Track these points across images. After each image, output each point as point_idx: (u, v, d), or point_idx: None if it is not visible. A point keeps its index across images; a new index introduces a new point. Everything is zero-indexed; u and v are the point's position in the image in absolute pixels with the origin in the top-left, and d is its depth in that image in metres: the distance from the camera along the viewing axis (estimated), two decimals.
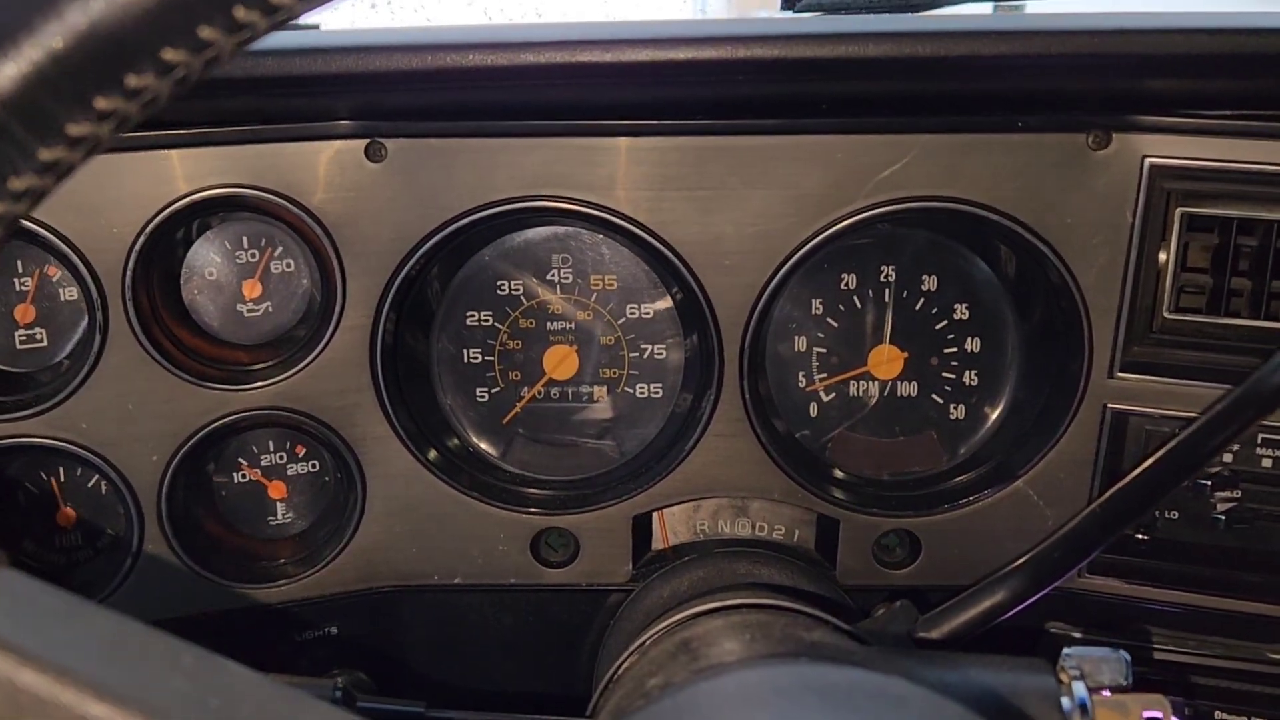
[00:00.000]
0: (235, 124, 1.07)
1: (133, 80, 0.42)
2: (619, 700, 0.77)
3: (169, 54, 0.42)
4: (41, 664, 0.40)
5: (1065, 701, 0.73)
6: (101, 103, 0.43)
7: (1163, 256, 1.09)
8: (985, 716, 0.61)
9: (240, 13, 0.43)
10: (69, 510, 1.22)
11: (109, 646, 0.45)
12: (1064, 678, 0.74)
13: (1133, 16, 1.00)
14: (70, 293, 1.16)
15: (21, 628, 0.42)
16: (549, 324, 1.23)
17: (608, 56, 0.96)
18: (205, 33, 0.43)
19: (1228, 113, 1.05)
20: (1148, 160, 1.06)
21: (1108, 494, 0.90)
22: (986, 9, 1.56)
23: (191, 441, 1.15)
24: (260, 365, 1.17)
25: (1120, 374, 1.12)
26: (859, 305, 1.21)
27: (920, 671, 0.70)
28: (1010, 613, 0.95)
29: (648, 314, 1.22)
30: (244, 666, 0.47)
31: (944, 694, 0.60)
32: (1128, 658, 0.76)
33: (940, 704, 0.55)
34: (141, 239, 1.08)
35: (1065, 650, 0.77)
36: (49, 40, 0.41)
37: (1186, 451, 0.84)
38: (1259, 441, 1.13)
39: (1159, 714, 0.73)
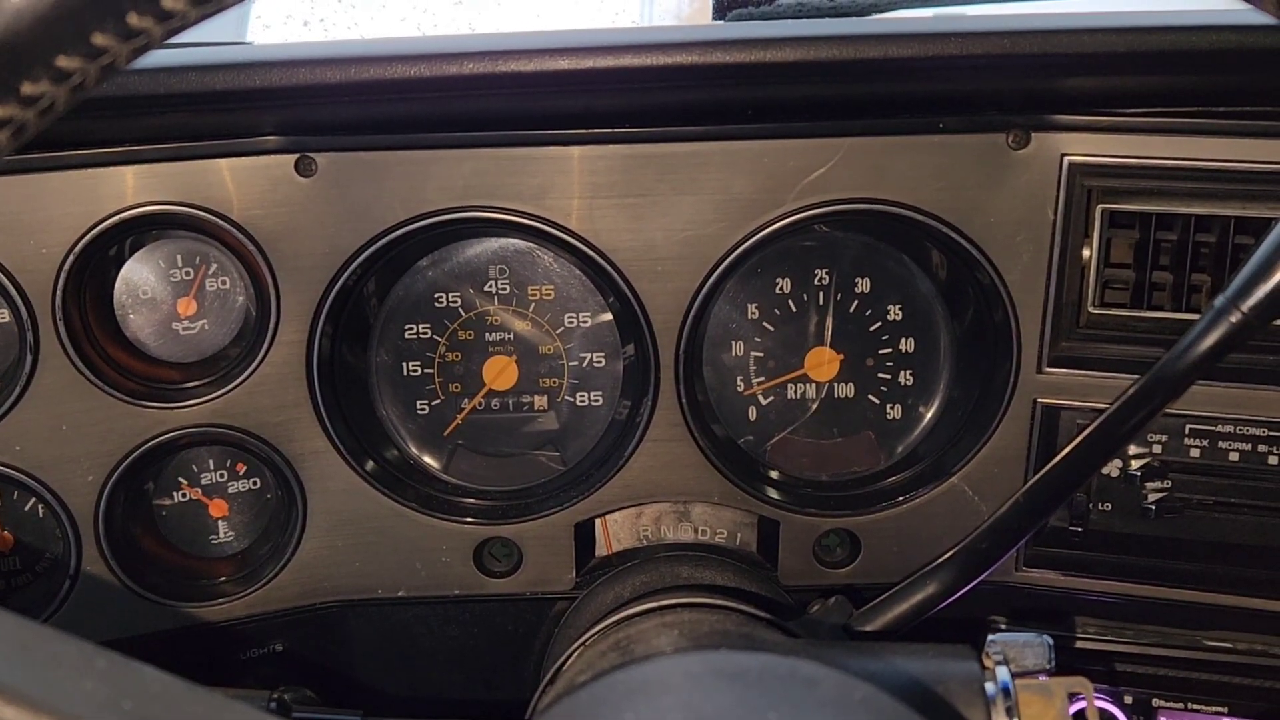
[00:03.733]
0: (164, 141, 1.07)
1: (62, 62, 0.43)
2: (550, 699, 0.78)
3: (99, 39, 0.43)
4: None
5: (989, 686, 0.74)
6: (28, 87, 0.43)
7: (1086, 253, 1.11)
8: (909, 703, 0.62)
9: (134, 19, 0.43)
10: (6, 534, 1.21)
11: (20, 650, 0.45)
12: (988, 663, 0.75)
13: (1048, 17, 1.02)
14: (1, 315, 1.15)
15: None
16: (488, 335, 1.23)
17: (530, 66, 0.98)
18: (99, 40, 0.43)
19: (1144, 110, 1.07)
20: (1067, 158, 1.09)
21: (1030, 483, 0.91)
22: (922, 14, 1.57)
23: (128, 461, 1.14)
24: (196, 383, 1.17)
25: (1049, 369, 1.14)
26: (794, 309, 1.22)
27: (845, 660, 0.70)
28: (943, 604, 0.96)
29: (585, 323, 1.23)
30: (163, 672, 0.47)
31: (866, 680, 0.61)
32: (1050, 642, 0.77)
33: (850, 684, 0.56)
34: (71, 258, 1.08)
35: (990, 636, 0.78)
36: None
37: (1102, 438, 0.86)
38: (1187, 432, 1.16)
39: (1081, 694, 0.74)
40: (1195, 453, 1.15)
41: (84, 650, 0.46)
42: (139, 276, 1.16)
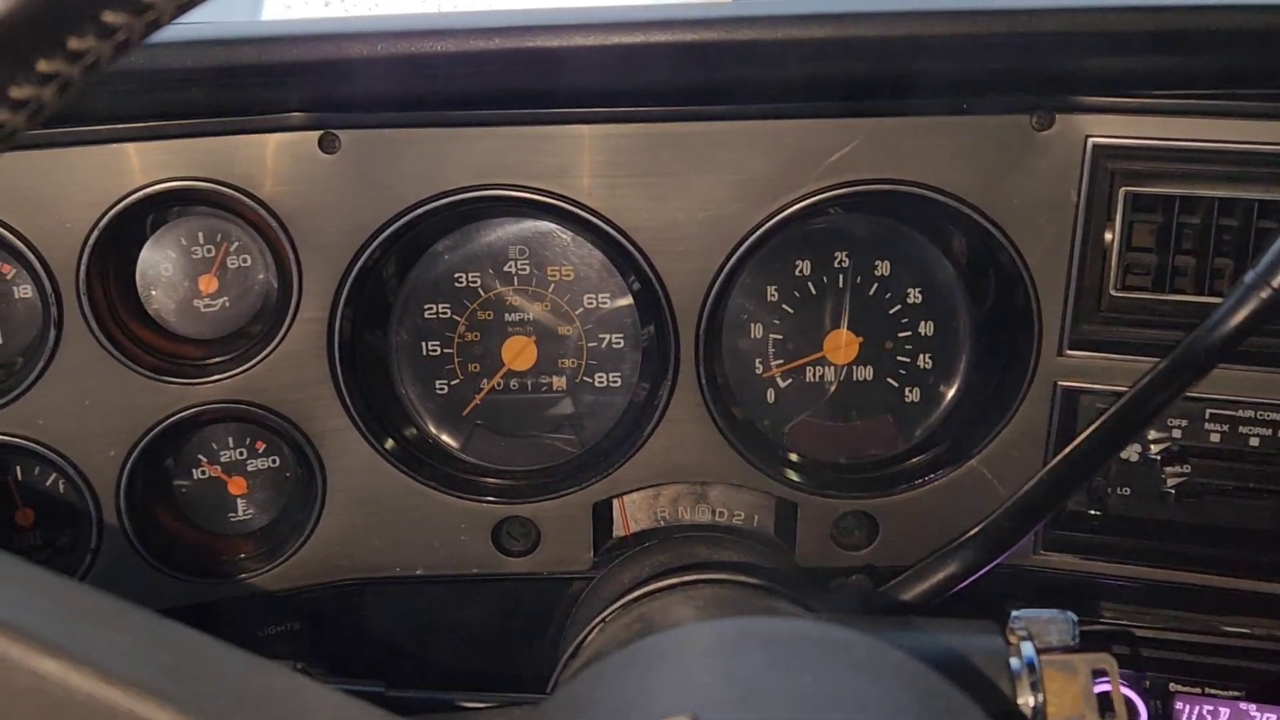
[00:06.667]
0: (188, 117, 1.07)
1: (74, 43, 0.43)
2: (577, 670, 0.78)
3: (109, 16, 0.43)
4: None
5: (1014, 661, 0.74)
6: (44, 65, 0.43)
7: (1108, 235, 1.11)
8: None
9: None
10: (27, 510, 1.21)
11: (57, 605, 0.45)
12: (1012, 638, 0.76)
13: None
14: (25, 290, 1.15)
15: None
16: (507, 315, 1.23)
17: (554, 42, 0.98)
18: (110, 18, 0.43)
19: (1168, 92, 1.07)
20: (1091, 140, 1.08)
21: (1052, 464, 0.91)
22: None
23: (149, 436, 1.14)
24: (217, 359, 1.17)
25: (1070, 352, 1.14)
26: (814, 291, 1.22)
27: (871, 631, 0.71)
28: (964, 583, 0.96)
29: (604, 304, 1.23)
30: (199, 631, 0.47)
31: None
32: (1074, 618, 0.77)
33: (883, 649, 0.56)
34: (95, 233, 1.08)
35: (1013, 612, 0.78)
36: None
37: (1126, 418, 0.86)
38: (1207, 417, 1.15)
39: (1106, 671, 0.74)
40: (1215, 437, 1.15)
41: (119, 607, 0.47)
42: (161, 253, 1.17)
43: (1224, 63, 1.03)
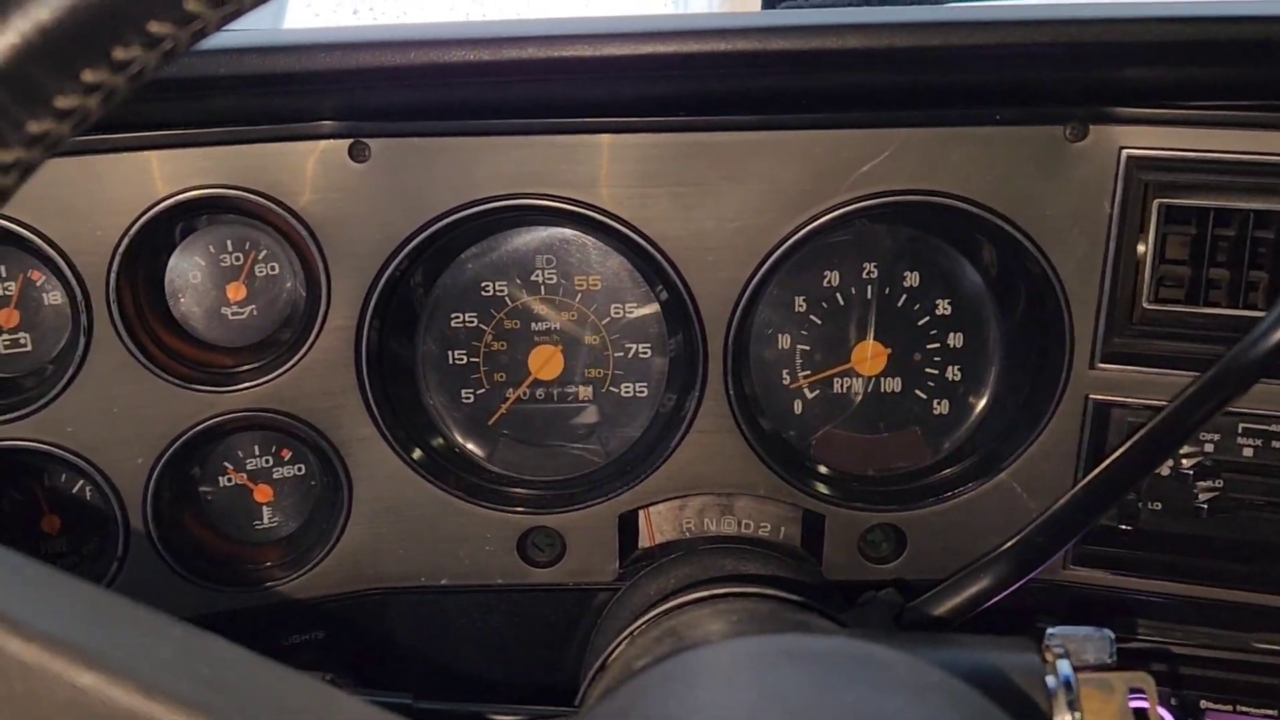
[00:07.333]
0: (218, 124, 1.07)
1: (119, 53, 0.43)
2: (607, 684, 0.77)
3: (155, 26, 0.43)
4: (31, 633, 0.40)
5: (1050, 680, 0.73)
6: (89, 75, 0.43)
7: (1141, 248, 1.10)
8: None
9: (191, 4, 0.43)
10: (54, 517, 1.21)
11: (97, 617, 0.45)
12: (1049, 656, 0.75)
13: (1110, 6, 1.01)
14: (55, 297, 1.16)
15: (9, 598, 0.42)
16: (534, 325, 1.23)
17: (587, 51, 0.97)
18: (190, 5, 0.43)
19: (1204, 103, 1.06)
20: (1125, 152, 1.07)
21: (1088, 479, 0.90)
22: (980, 4, 1.54)
23: (177, 444, 1.15)
24: (245, 367, 1.17)
25: (1101, 365, 1.13)
26: (841, 302, 1.22)
27: (906, 649, 0.70)
28: (994, 599, 0.95)
29: (631, 314, 1.22)
30: (234, 644, 0.47)
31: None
32: (1112, 636, 0.76)
33: (923, 668, 0.55)
34: (125, 241, 1.08)
35: (1049, 630, 0.77)
36: (36, 12, 0.41)
37: (1163, 434, 0.85)
38: (1240, 431, 1.14)
39: (1143, 690, 0.74)
40: (1249, 452, 1.14)
41: (158, 619, 0.47)
42: (190, 260, 1.17)
43: (1259, 74, 1.02)
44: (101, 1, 0.41)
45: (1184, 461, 1.15)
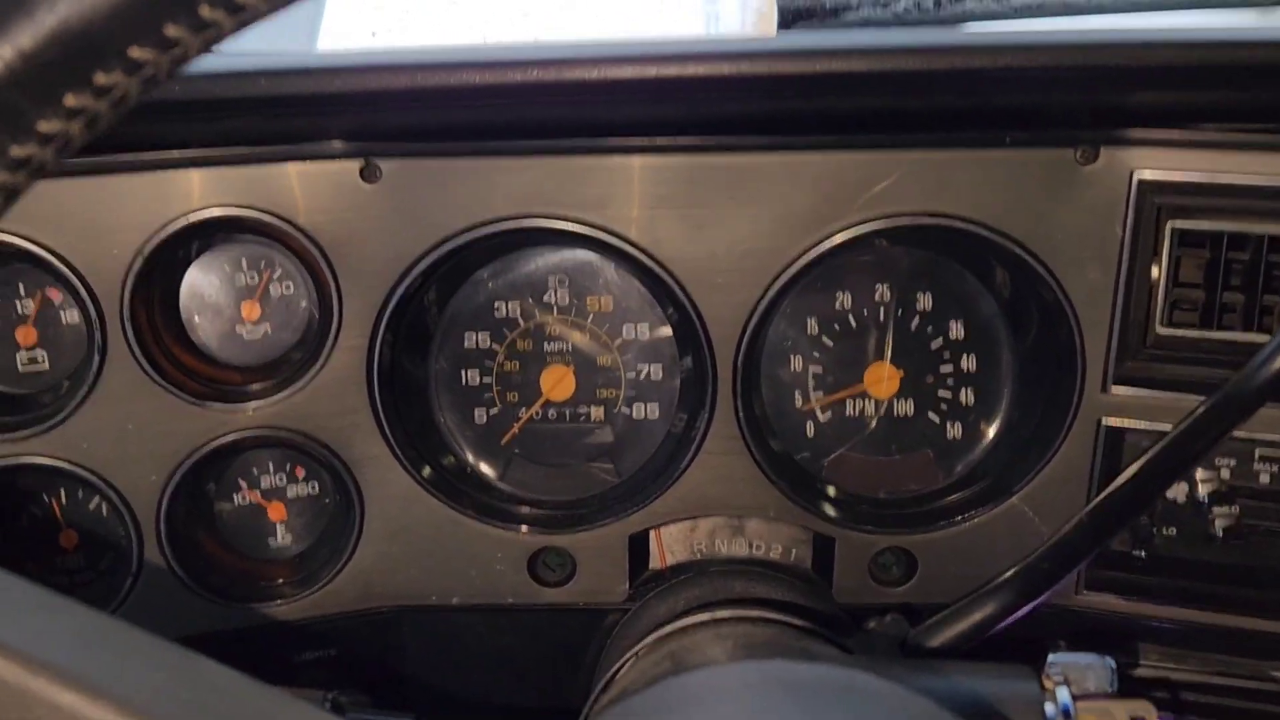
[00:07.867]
0: (231, 145, 1.09)
1: (101, 78, 0.43)
2: (605, 705, 0.77)
3: (136, 51, 0.43)
4: (11, 652, 0.40)
5: (1049, 708, 0.72)
6: (71, 100, 0.44)
7: (1154, 271, 1.09)
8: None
9: (205, 11, 0.44)
10: (70, 532, 1.23)
11: (78, 637, 0.46)
12: (1048, 684, 0.74)
13: (1120, 30, 1.01)
14: (72, 315, 1.17)
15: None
16: (546, 345, 1.23)
17: (596, 73, 0.98)
18: (172, 31, 0.44)
19: (1216, 126, 1.05)
20: (1136, 175, 1.07)
21: (1093, 504, 0.89)
22: (991, 27, 1.53)
23: (190, 461, 1.16)
24: (258, 385, 1.18)
25: (1114, 389, 1.12)
26: (854, 324, 1.21)
27: (904, 677, 0.70)
28: (1002, 624, 0.95)
29: (644, 335, 1.23)
30: (225, 666, 0.47)
31: (925, 696, 0.60)
32: (1112, 664, 0.76)
33: (909, 698, 0.55)
34: (140, 261, 1.10)
35: (1050, 656, 0.77)
36: (17, 39, 0.42)
37: (1170, 457, 0.84)
38: (1257, 457, 1.13)
39: (1144, 718, 0.73)
40: (1265, 478, 1.12)
41: (148, 641, 0.47)
42: (204, 279, 1.18)
43: (1270, 97, 1.02)
44: (82, 28, 0.42)
45: (1200, 487, 1.14)
